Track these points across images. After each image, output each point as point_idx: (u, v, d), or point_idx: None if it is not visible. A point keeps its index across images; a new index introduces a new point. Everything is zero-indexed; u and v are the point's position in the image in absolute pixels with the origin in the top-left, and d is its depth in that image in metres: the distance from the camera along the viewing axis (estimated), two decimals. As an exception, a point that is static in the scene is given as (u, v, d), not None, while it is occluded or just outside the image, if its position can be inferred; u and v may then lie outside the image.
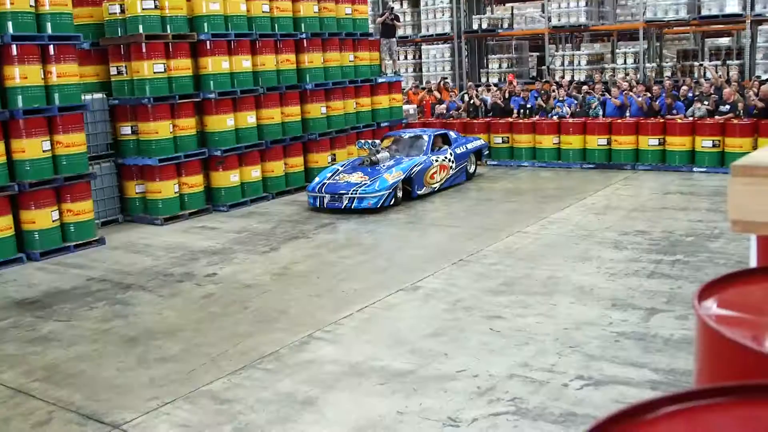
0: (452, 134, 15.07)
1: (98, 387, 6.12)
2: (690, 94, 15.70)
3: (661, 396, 1.15)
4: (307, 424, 5.27)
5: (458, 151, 14.57)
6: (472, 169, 15.18)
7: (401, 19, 21.51)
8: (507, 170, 16.29)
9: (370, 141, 13.63)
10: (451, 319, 7.20)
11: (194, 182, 13.09)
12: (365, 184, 12.26)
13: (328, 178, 12.68)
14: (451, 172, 14.23)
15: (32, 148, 10.45)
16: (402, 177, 12.67)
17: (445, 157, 14.01)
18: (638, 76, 19.33)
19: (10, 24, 10.20)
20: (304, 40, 14.87)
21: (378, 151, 13.33)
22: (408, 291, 8.16)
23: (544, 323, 6.97)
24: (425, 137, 14.14)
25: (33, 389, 6.14)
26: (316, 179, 12.92)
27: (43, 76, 10.60)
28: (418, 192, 13.13)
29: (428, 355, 6.35)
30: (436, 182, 13.71)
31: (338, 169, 13.04)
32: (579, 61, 21.16)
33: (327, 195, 12.33)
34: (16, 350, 7.04)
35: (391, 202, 12.38)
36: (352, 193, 12.12)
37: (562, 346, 6.42)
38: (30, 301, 8.61)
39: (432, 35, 23.50)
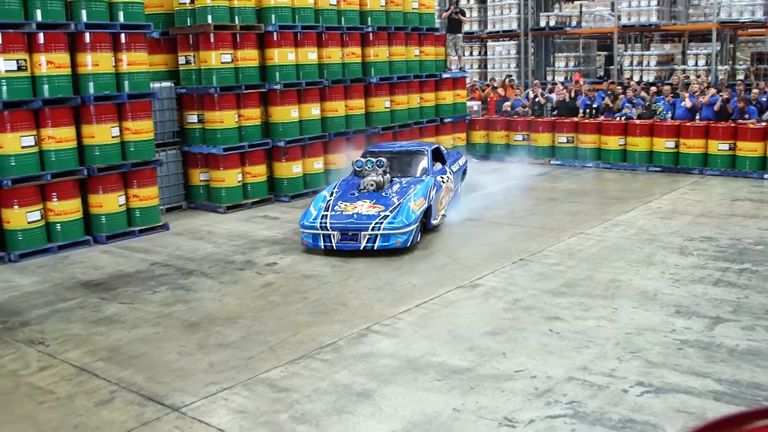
0: (443, 149, 12.60)
1: (159, 369, 6.23)
2: (763, 99, 15.25)
3: (750, 409, 1.11)
4: (362, 417, 5.28)
5: (454, 169, 12.17)
6: (459, 191, 12.60)
7: (467, 15, 21.39)
8: (570, 170, 16.08)
9: (374, 159, 10.88)
10: (510, 319, 7.13)
11: (257, 172, 13.24)
12: (385, 216, 9.66)
13: (326, 210, 9.91)
14: (451, 194, 11.68)
15: (102, 133, 10.69)
16: (425, 205, 10.06)
17: (448, 177, 11.50)
18: (710, 78, 18.86)
19: (84, 12, 10.46)
20: (370, 34, 14.90)
21: (386, 172, 10.77)
22: (467, 288, 8.11)
23: (605, 327, 6.86)
24: (425, 153, 11.49)
25: (97, 368, 6.29)
26: (311, 211, 9.98)
27: (114, 64, 10.83)
28: (433, 222, 10.61)
29: (486, 354, 6.30)
30: (443, 208, 11.15)
31: (328, 198, 10.25)
32: (648, 62, 20.74)
33: (336, 232, 9.61)
34: (81, 330, 7.21)
35: (418, 239, 9.95)
36: (373, 230, 9.49)
37: (623, 351, 6.31)
38: (96, 282, 8.81)
39: (498, 32, 23.29)
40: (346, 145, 14.23)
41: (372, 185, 10.37)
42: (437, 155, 11.88)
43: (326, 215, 9.78)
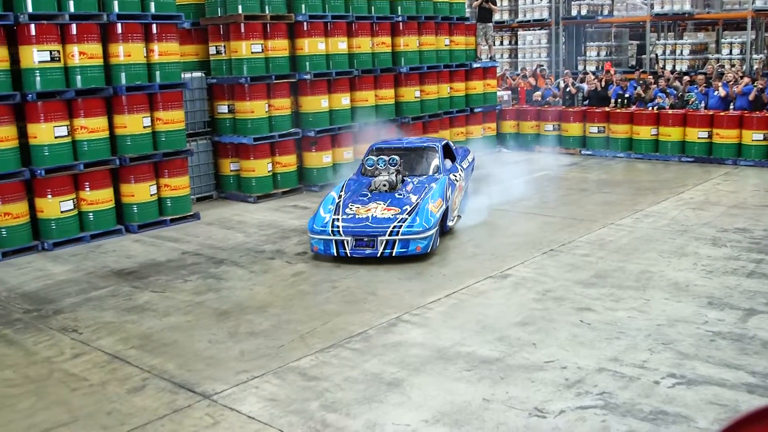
0: (452, 145, 11.79)
1: (190, 357, 6.29)
2: (799, 88, 15.01)
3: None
4: (392, 406, 5.29)
5: (464, 166, 11.32)
6: (468, 190, 11.68)
7: (498, 4, 21.27)
8: (602, 160, 15.94)
9: (386, 157, 10.22)
10: (541, 309, 7.10)
11: (287, 162, 13.29)
12: (402, 219, 8.90)
13: (336, 213, 9.15)
14: (463, 194, 11.01)
15: (134, 123, 10.78)
16: (444, 207, 9.32)
17: (460, 175, 10.70)
18: (744, 67, 18.58)
19: (116, 3, 10.53)
20: (400, 23, 14.86)
21: (399, 171, 10.01)
22: (497, 278, 8.08)
23: (637, 318, 6.81)
24: (436, 149, 10.70)
25: (129, 356, 6.36)
26: (321, 214, 9.16)
27: (145, 55, 10.90)
28: (449, 224, 9.86)
29: (516, 344, 6.28)
30: (457, 209, 10.43)
31: (337, 200, 9.44)
32: (681, 51, 20.48)
33: (349, 238, 8.82)
34: (114, 318, 7.30)
35: (437, 244, 9.22)
36: (391, 234, 8.73)
37: (655, 342, 6.25)
38: (128, 271, 8.91)
39: (529, 21, 23.16)
40: (376, 135, 14.19)
41: (384, 185, 9.62)
42: (447, 151, 11.10)
43: (338, 219, 9.01)
